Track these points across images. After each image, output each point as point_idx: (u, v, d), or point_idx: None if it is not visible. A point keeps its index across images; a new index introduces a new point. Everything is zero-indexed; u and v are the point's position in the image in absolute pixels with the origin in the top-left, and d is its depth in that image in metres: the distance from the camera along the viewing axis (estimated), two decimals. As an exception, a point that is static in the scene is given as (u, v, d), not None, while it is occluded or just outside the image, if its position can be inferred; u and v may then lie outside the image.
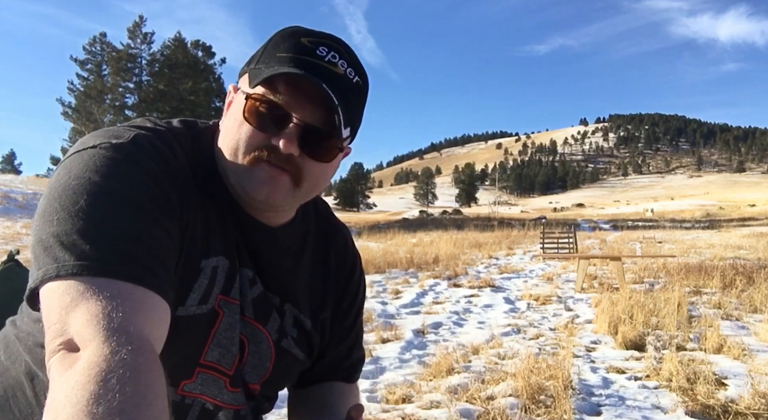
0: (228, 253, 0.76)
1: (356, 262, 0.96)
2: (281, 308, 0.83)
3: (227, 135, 0.74)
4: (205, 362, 0.75)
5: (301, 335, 0.86)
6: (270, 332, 0.81)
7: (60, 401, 0.46)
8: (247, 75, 0.75)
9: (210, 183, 0.76)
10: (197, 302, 0.72)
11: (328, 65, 0.71)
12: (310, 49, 0.71)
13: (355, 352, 0.98)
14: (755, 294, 6.12)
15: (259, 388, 0.83)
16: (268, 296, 0.81)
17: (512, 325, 5.35)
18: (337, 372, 0.95)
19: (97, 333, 0.50)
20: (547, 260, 11.80)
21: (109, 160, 0.64)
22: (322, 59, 0.71)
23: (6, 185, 27.12)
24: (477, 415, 2.92)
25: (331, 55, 0.71)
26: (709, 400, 3.07)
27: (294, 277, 0.85)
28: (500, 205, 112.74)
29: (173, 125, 0.77)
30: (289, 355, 0.84)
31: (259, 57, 0.74)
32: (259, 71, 0.72)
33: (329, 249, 0.91)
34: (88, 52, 39.78)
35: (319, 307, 0.89)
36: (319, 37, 0.73)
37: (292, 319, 0.84)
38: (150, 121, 0.76)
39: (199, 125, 0.81)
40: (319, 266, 0.90)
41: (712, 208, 66.94)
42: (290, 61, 0.70)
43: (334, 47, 0.73)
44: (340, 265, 0.92)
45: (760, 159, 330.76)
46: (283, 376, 0.86)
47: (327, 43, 0.72)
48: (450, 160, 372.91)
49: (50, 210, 0.60)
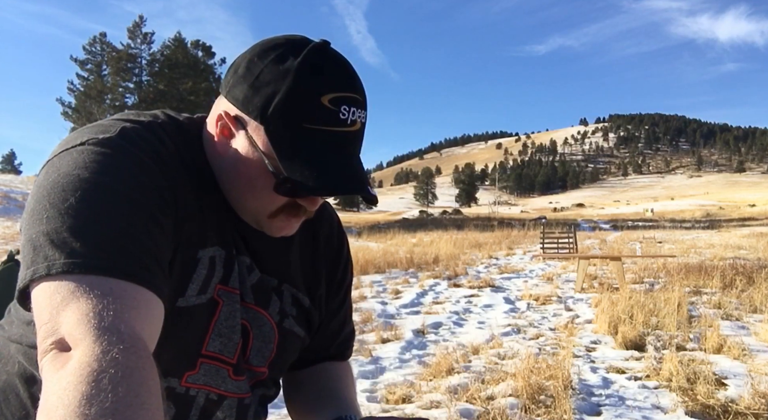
0: (224, 243, 0.76)
1: (343, 237, 0.97)
2: (279, 289, 0.83)
3: (240, 179, 0.73)
4: (207, 353, 0.75)
5: (300, 313, 0.86)
6: (272, 315, 0.82)
7: (52, 402, 0.45)
8: (263, 131, 0.69)
9: (200, 173, 0.75)
10: (197, 292, 0.72)
11: (350, 128, 0.69)
12: (334, 116, 0.68)
13: (346, 328, 0.99)
14: (755, 294, 6.12)
15: (267, 370, 0.83)
16: (266, 279, 0.82)
17: (512, 325, 5.35)
18: (329, 349, 0.96)
19: (88, 332, 0.50)
20: (547, 260, 11.80)
21: (98, 156, 0.63)
22: (345, 124, 0.69)
23: (6, 185, 27.15)
24: (477, 415, 2.91)
25: (351, 113, 0.69)
26: (709, 400, 3.06)
27: (288, 256, 0.85)
28: (500, 205, 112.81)
29: (158, 116, 0.76)
30: (291, 334, 0.85)
31: (273, 103, 0.68)
32: (281, 140, 0.68)
33: (317, 225, 0.91)
34: (88, 52, 39.81)
35: (314, 283, 0.89)
36: (339, 88, 0.68)
37: (291, 299, 0.85)
38: (134, 113, 0.75)
39: (181, 116, 0.80)
40: (309, 243, 0.90)
41: (712, 208, 66.98)
42: (320, 152, 0.68)
43: (353, 99, 0.69)
44: (328, 241, 0.93)
45: (760, 159, 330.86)
46: (287, 355, 0.86)
47: (347, 96, 0.69)
48: (450, 160, 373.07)
49: (39, 208, 0.59)
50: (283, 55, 0.69)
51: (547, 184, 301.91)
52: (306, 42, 0.71)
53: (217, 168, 0.75)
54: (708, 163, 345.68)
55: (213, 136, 0.75)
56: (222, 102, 0.74)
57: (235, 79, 0.71)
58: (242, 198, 0.75)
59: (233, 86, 0.71)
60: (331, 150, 0.69)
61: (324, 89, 0.68)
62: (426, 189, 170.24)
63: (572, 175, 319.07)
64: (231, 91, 0.71)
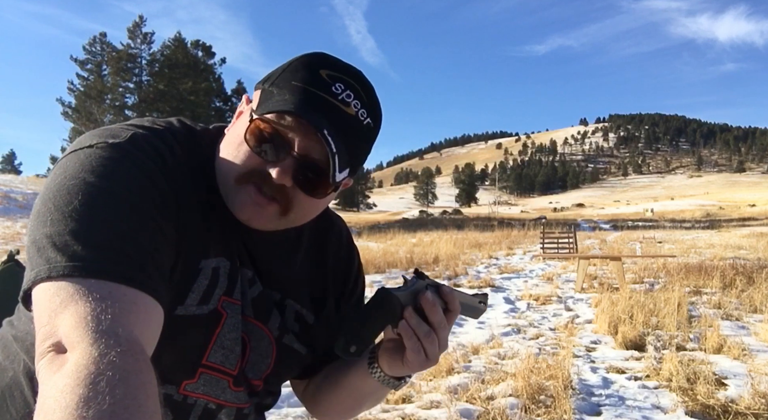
0: (228, 254, 0.76)
1: (352, 250, 0.96)
2: (282, 304, 0.83)
3: (227, 149, 0.74)
4: (207, 363, 0.75)
5: (303, 330, 0.85)
6: (271, 330, 0.81)
7: (50, 405, 0.45)
8: (260, 93, 0.73)
9: (209, 184, 0.75)
10: (197, 302, 0.72)
11: (340, 104, 0.69)
12: (326, 85, 0.69)
13: None
14: (755, 294, 6.12)
15: (262, 383, 0.83)
16: (267, 294, 0.81)
17: (512, 325, 5.35)
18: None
19: (86, 335, 0.50)
20: (547, 260, 11.80)
21: (106, 160, 0.64)
22: (336, 97, 0.69)
23: (6, 185, 27.14)
24: (477, 415, 2.91)
25: (346, 94, 0.70)
26: (709, 400, 3.06)
27: (293, 272, 0.84)
28: (500, 205, 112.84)
29: (173, 124, 0.77)
30: (290, 351, 0.84)
31: (276, 77, 0.72)
32: (270, 94, 0.71)
33: (325, 240, 0.90)
34: (88, 52, 39.87)
35: (320, 299, 0.88)
36: (340, 72, 0.71)
37: (294, 315, 0.84)
38: (148, 121, 0.75)
39: (198, 127, 0.80)
40: (316, 258, 0.89)
41: (712, 208, 66.97)
42: (302, 92, 0.68)
43: (351, 86, 0.71)
44: (337, 255, 0.92)
45: (760, 159, 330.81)
46: (285, 370, 0.85)
47: (346, 80, 0.71)
48: (450, 160, 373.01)
49: (44, 210, 0.60)
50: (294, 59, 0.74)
51: (547, 184, 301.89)
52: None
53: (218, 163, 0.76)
54: (708, 163, 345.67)
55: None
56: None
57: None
58: (221, 168, 0.74)
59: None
60: (309, 102, 0.68)
61: (323, 65, 0.71)
62: (426, 189, 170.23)
63: (572, 175, 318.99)
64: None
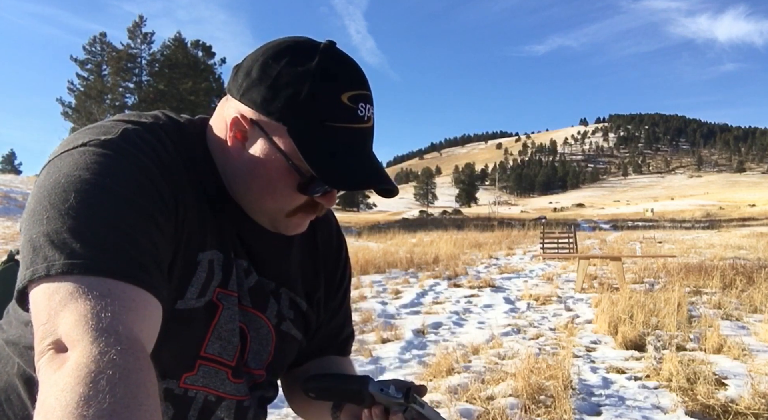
0: (222, 246, 0.76)
1: (341, 239, 0.97)
2: (277, 292, 0.84)
3: (258, 181, 0.73)
4: (205, 355, 0.75)
5: (297, 316, 0.87)
6: (269, 318, 0.82)
7: (50, 404, 0.45)
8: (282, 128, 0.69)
9: (201, 176, 0.75)
10: (196, 295, 0.72)
11: (367, 124, 0.72)
12: (352, 113, 0.70)
13: (347, 329, 0.99)
14: (755, 294, 6.12)
15: (265, 372, 0.83)
16: (263, 283, 0.82)
17: (512, 325, 5.35)
18: (330, 348, 0.97)
19: (86, 333, 0.50)
20: (547, 260, 11.79)
21: (100, 157, 0.63)
22: (363, 120, 0.71)
23: (6, 185, 27.15)
24: (477, 415, 2.91)
25: (367, 109, 0.71)
26: (709, 400, 3.06)
27: (286, 260, 0.85)
28: (500, 205, 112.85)
29: (159, 117, 0.76)
30: (288, 337, 0.85)
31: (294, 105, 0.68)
32: (303, 134, 0.68)
33: (315, 227, 0.91)
34: (88, 52, 39.80)
35: (312, 286, 0.90)
36: (354, 85, 0.70)
37: (288, 302, 0.85)
38: (135, 114, 0.74)
39: (181, 118, 0.80)
40: (307, 245, 0.90)
41: (712, 208, 66.98)
42: (345, 151, 0.69)
43: (366, 96, 0.72)
44: (327, 243, 0.93)
45: (760, 159, 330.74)
46: (284, 357, 0.87)
47: (362, 93, 0.71)
48: (450, 160, 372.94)
49: (40, 209, 0.59)
50: (297, 56, 0.70)
51: (547, 184, 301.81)
52: (315, 43, 0.73)
53: (229, 172, 0.75)
54: (708, 163, 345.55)
55: (223, 140, 0.75)
56: (233, 105, 0.73)
57: (249, 82, 0.71)
58: (260, 200, 0.75)
59: (248, 89, 0.71)
60: (353, 146, 0.70)
61: (343, 88, 0.70)
62: (426, 189, 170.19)
63: (572, 175, 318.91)
64: (246, 94, 0.71)
